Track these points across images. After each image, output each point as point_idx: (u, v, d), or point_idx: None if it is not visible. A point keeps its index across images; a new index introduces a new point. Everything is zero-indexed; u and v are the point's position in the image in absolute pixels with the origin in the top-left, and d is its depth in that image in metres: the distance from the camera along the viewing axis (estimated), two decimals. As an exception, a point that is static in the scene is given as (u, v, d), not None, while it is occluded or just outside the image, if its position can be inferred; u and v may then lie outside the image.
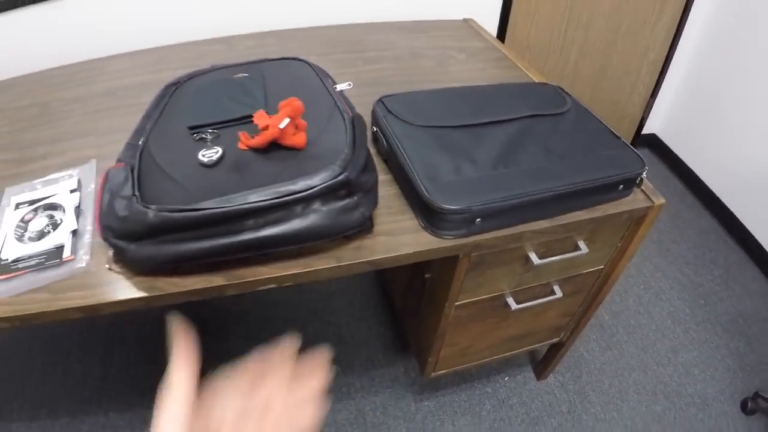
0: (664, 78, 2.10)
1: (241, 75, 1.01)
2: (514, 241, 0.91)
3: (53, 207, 0.91)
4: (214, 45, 1.30)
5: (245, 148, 0.80)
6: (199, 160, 0.79)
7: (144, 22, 1.34)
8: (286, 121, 0.77)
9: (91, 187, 0.94)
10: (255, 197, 0.71)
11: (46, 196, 0.93)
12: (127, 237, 0.73)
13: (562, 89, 1.10)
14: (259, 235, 0.73)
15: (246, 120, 0.86)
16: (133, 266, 0.77)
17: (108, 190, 0.79)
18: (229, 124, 0.86)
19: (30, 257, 0.81)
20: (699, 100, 2.08)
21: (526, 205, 0.85)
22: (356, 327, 1.66)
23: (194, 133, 0.85)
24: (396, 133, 0.93)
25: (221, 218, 0.71)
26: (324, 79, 0.99)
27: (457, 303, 1.02)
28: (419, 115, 0.97)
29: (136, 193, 0.74)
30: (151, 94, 1.12)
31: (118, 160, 0.87)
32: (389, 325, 1.66)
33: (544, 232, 0.90)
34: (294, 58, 1.07)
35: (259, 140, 0.78)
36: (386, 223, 0.86)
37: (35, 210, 0.91)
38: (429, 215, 0.84)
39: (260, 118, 0.80)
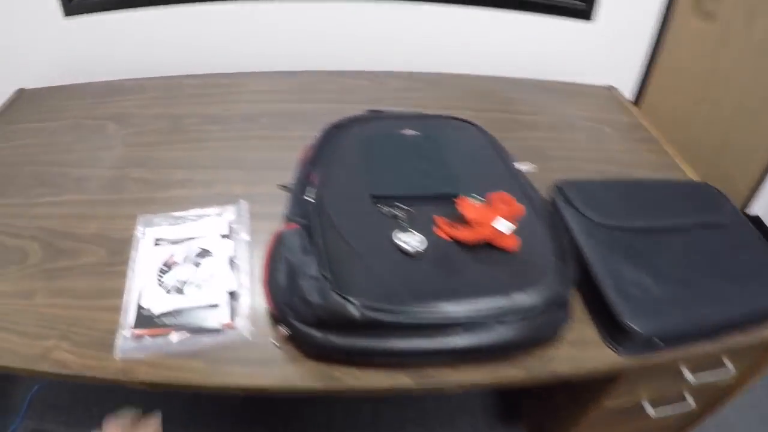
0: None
1: (411, 132, 0.93)
2: (681, 361, 0.86)
3: (202, 254, 0.83)
4: (359, 80, 1.22)
5: (447, 238, 0.72)
6: (397, 244, 0.71)
7: (287, 42, 1.27)
8: (509, 226, 0.69)
9: (243, 234, 0.86)
10: (468, 309, 0.65)
11: (191, 237, 0.85)
12: (314, 324, 0.66)
13: (724, 196, 1.03)
14: (458, 344, 0.66)
15: (441, 200, 0.78)
16: (306, 348, 0.70)
17: (284, 258, 0.72)
18: (419, 200, 0.78)
19: (180, 313, 0.74)
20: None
21: (703, 329, 0.80)
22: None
23: (379, 203, 0.77)
24: (578, 230, 0.86)
25: (428, 325, 0.64)
26: (502, 154, 0.92)
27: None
28: (597, 210, 0.89)
29: (329, 275, 0.66)
30: (298, 128, 1.05)
31: (289, 219, 0.79)
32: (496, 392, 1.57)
33: (709, 354, 0.84)
34: (466, 121, 1.01)
35: (470, 237, 0.71)
36: (569, 330, 0.78)
37: (180, 253, 0.82)
38: (614, 331, 0.77)
39: (468, 208, 0.72)
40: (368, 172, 0.83)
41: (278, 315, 0.69)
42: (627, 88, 1.51)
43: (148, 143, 1.06)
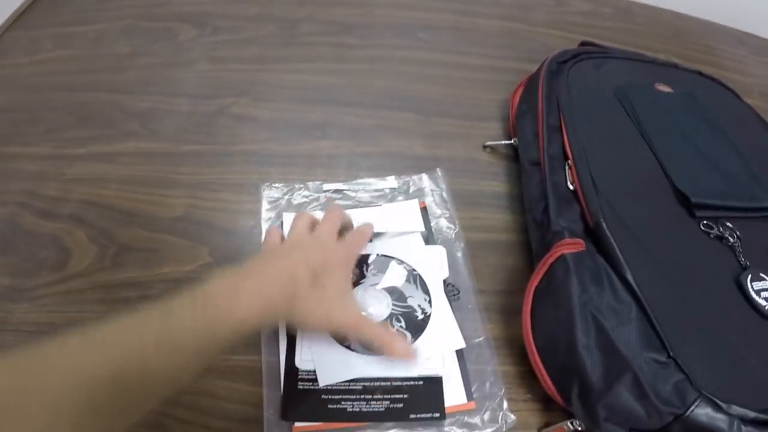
0: None
1: (665, 89, 0.63)
2: None
3: (410, 274, 0.51)
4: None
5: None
6: (754, 300, 0.44)
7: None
8: None
9: (451, 233, 0.55)
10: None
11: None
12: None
13: None
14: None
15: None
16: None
17: (589, 316, 0.42)
18: (742, 216, 0.50)
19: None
20: None
21: None
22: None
23: (704, 219, 0.49)
24: None
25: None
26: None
27: None
28: None
29: (677, 358, 0.39)
30: (475, 50, 0.75)
31: (559, 228, 0.48)
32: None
33: None
34: (714, 80, 0.71)
35: None
36: None
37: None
38: None
39: None
40: (655, 154, 0.54)
41: (584, 414, 0.42)
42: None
43: (250, 58, 0.72)
